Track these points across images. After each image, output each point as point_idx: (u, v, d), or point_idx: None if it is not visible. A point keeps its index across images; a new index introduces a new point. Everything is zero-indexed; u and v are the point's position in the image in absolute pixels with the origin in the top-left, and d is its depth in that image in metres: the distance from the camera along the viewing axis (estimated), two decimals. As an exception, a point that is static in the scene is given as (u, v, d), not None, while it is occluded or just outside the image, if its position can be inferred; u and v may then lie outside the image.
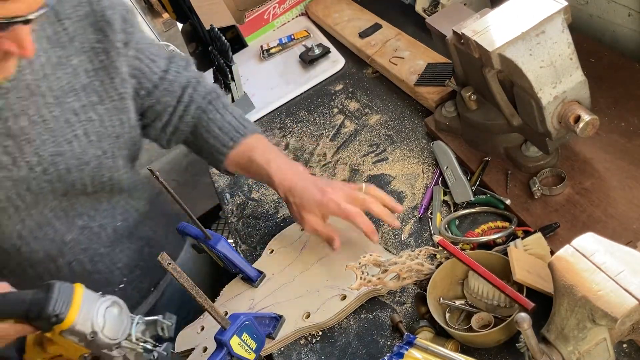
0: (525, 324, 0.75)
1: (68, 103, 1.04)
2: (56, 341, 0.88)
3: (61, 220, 1.10)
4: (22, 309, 0.84)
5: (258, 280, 1.18)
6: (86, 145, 1.06)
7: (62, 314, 0.83)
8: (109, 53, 1.07)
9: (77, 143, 1.05)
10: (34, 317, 0.84)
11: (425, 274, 1.04)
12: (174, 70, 1.20)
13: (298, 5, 1.90)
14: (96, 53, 1.06)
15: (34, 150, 1.01)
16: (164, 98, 1.19)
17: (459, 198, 1.14)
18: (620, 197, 1.02)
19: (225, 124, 1.21)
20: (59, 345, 0.89)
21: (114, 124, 1.10)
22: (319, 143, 1.47)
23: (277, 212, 1.36)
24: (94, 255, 1.16)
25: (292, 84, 1.67)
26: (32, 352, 0.96)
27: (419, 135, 1.35)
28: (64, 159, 1.04)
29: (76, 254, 1.14)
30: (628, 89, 1.17)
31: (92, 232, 1.15)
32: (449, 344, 0.94)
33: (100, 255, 1.17)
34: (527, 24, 0.96)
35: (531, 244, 0.98)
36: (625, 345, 0.87)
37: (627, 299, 0.73)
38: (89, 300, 0.86)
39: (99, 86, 1.07)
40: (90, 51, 1.06)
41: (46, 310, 0.83)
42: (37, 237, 1.07)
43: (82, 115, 1.05)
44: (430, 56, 1.48)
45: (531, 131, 1.07)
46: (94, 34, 1.06)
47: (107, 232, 1.17)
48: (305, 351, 1.06)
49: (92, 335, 0.85)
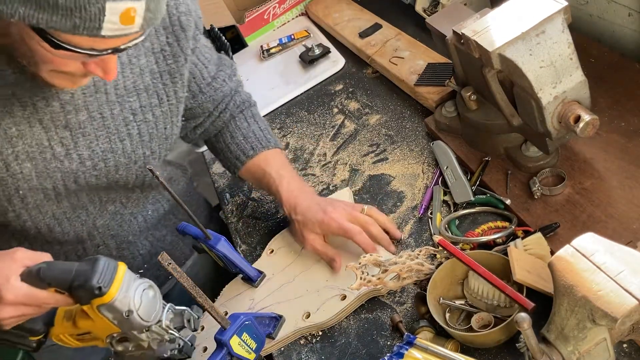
0: (525, 324, 0.75)
1: (129, 102, 1.06)
2: (91, 316, 0.89)
3: (95, 205, 1.13)
4: (67, 277, 0.86)
5: (258, 280, 1.18)
6: (137, 144, 1.10)
7: (105, 288, 0.85)
8: (177, 58, 1.09)
9: (129, 142, 1.08)
10: (77, 287, 0.86)
11: (425, 274, 1.04)
12: (221, 79, 1.24)
13: (298, 5, 1.90)
14: (164, 56, 1.08)
15: (87, 144, 1.04)
16: (206, 104, 1.23)
17: (459, 198, 1.14)
18: (620, 197, 1.02)
19: (250, 133, 1.27)
20: (92, 321, 0.90)
21: (166, 126, 1.13)
22: (319, 143, 1.47)
23: (277, 212, 1.36)
24: (122, 242, 1.21)
25: (292, 84, 1.67)
26: (61, 327, 0.97)
27: (419, 135, 1.35)
28: (114, 156, 1.07)
29: (105, 239, 1.17)
30: (628, 89, 1.17)
31: (124, 219, 1.19)
32: (449, 344, 0.94)
33: (128, 243, 1.21)
34: (527, 24, 0.96)
35: (531, 244, 0.98)
36: (625, 345, 0.87)
37: (627, 299, 0.73)
38: (129, 279, 0.88)
39: (161, 89, 1.10)
40: (159, 53, 1.07)
41: (90, 281, 0.84)
42: (70, 218, 1.10)
43: (139, 116, 1.08)
44: (430, 56, 1.48)
45: (531, 131, 1.07)
46: (166, 37, 1.07)
47: (138, 220, 1.21)
48: (305, 351, 1.06)
49: (127, 314, 0.87)
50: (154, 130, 1.11)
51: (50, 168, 1.02)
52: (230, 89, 1.26)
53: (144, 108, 1.08)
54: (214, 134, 1.31)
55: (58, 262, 0.91)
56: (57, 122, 1.00)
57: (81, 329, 0.95)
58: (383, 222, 1.14)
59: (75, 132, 1.02)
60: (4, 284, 0.87)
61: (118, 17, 0.77)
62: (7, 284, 0.87)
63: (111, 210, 1.16)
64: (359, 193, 1.29)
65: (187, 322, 0.95)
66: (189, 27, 1.09)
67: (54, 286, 0.88)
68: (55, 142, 1.01)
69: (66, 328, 0.97)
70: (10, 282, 0.87)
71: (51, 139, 1.00)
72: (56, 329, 0.98)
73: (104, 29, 0.77)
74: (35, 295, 0.88)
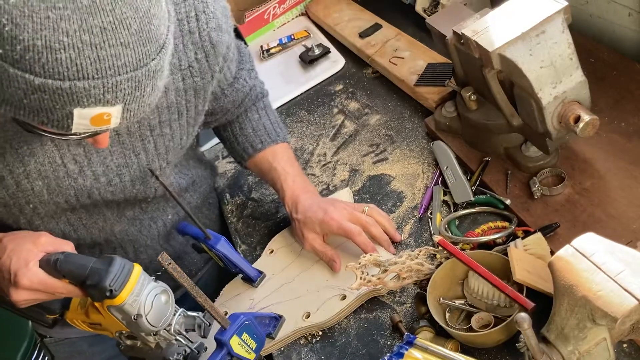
0: (525, 324, 0.75)
1: (148, 120, 1.02)
2: (101, 312, 0.90)
3: (112, 211, 1.10)
4: (81, 274, 0.87)
5: (258, 280, 1.18)
6: (153, 157, 1.06)
7: (117, 291, 0.85)
8: (204, 75, 1.03)
9: (145, 155, 1.04)
10: (90, 286, 0.87)
11: (425, 274, 1.04)
12: (242, 79, 1.20)
13: (298, 5, 1.90)
14: (192, 73, 1.02)
15: (101, 160, 1.01)
16: (227, 105, 1.20)
17: (459, 198, 1.14)
18: (620, 197, 1.02)
19: (260, 126, 1.25)
20: (102, 316, 0.91)
21: (182, 137, 1.09)
22: (319, 143, 1.47)
23: (277, 212, 1.36)
24: (140, 246, 1.19)
25: (292, 84, 1.67)
26: (75, 313, 1.00)
27: (419, 135, 1.35)
28: (129, 170, 1.04)
29: (123, 243, 1.16)
30: (628, 89, 1.17)
31: (143, 224, 1.17)
32: (449, 344, 0.94)
33: (146, 247, 1.19)
34: (527, 24, 0.96)
35: (531, 244, 0.98)
36: (625, 345, 0.87)
37: (627, 299, 0.73)
38: (143, 283, 0.88)
39: (183, 105, 1.04)
40: (187, 69, 1.01)
41: (103, 282, 0.85)
42: (86, 224, 1.08)
43: (157, 130, 1.04)
44: (430, 56, 1.48)
45: (531, 131, 1.06)
46: (195, 53, 1.00)
47: (158, 225, 1.19)
48: (305, 351, 1.06)
49: (136, 318, 0.87)
50: (170, 143, 1.07)
51: (63, 185, 0.99)
52: (249, 88, 1.22)
53: (162, 123, 1.03)
54: (223, 124, 1.29)
55: (77, 255, 0.92)
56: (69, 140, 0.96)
57: (92, 320, 0.96)
58: (383, 224, 1.14)
59: (89, 149, 0.98)
60: (22, 268, 0.88)
61: (89, 120, 0.72)
62: (25, 268, 0.88)
63: (130, 215, 1.13)
64: (359, 193, 1.29)
65: (198, 327, 0.95)
66: (219, 44, 1.02)
67: (68, 279, 0.89)
68: (68, 160, 0.97)
69: (79, 315, 0.99)
70: (28, 266, 0.88)
71: (64, 157, 0.97)
72: (70, 314, 1.01)
73: (74, 129, 0.73)
74: (49, 283, 0.89)
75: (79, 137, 0.78)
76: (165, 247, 1.22)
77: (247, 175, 1.48)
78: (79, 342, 1.31)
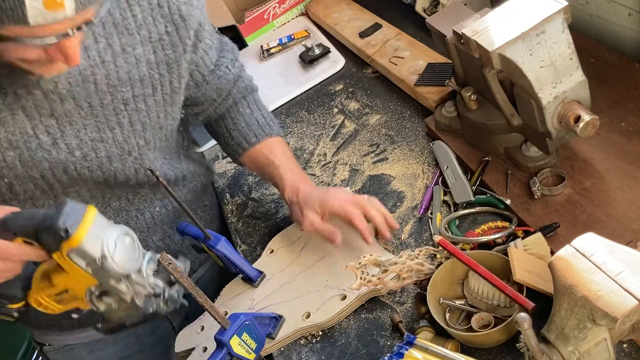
0: (525, 324, 0.75)
1: (121, 92, 1.03)
2: (65, 268, 0.84)
3: (97, 200, 1.09)
4: (33, 224, 0.82)
5: (258, 280, 1.18)
6: (129, 133, 1.06)
7: (72, 229, 0.79)
8: (176, 48, 1.06)
9: (120, 130, 1.05)
10: (43, 231, 0.81)
11: (425, 274, 1.04)
12: (223, 66, 1.21)
13: (298, 5, 1.90)
14: (163, 45, 1.04)
15: (75, 132, 1.01)
16: (210, 92, 1.20)
17: (459, 198, 1.14)
18: (620, 197, 1.02)
19: (253, 120, 1.25)
20: (67, 274, 0.85)
21: (159, 115, 1.10)
22: (319, 143, 1.47)
23: (277, 212, 1.36)
24: None
25: (292, 84, 1.67)
26: (38, 288, 0.92)
27: (419, 135, 1.35)
28: (105, 145, 1.04)
29: None
30: (628, 89, 1.17)
31: (129, 215, 1.16)
32: (449, 344, 0.94)
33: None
34: (527, 24, 0.96)
35: (531, 244, 0.98)
36: (625, 345, 0.87)
37: (627, 299, 0.73)
38: (101, 223, 0.82)
39: (156, 79, 1.06)
40: (157, 42, 1.04)
41: (56, 223, 0.79)
42: None
43: (131, 105, 1.04)
44: (430, 56, 1.48)
45: (531, 131, 1.07)
46: (165, 26, 1.04)
47: (145, 216, 1.18)
48: (305, 351, 1.06)
49: (101, 260, 0.81)
50: (147, 120, 1.07)
51: (36, 157, 0.98)
52: (233, 75, 1.23)
53: (136, 98, 1.04)
54: (215, 119, 1.29)
55: (25, 210, 0.87)
56: (41, 110, 0.96)
57: (58, 287, 0.89)
58: (382, 211, 1.12)
59: (62, 121, 0.98)
60: None
61: (41, 3, 0.73)
62: None
63: (115, 206, 1.13)
64: (359, 193, 1.29)
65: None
66: (189, 17, 1.05)
67: (20, 236, 0.83)
68: (41, 131, 0.97)
69: (43, 289, 0.91)
70: None
71: (36, 128, 0.97)
72: (34, 292, 0.93)
73: (29, 16, 0.73)
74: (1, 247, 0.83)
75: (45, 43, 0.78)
76: (155, 239, 1.21)
77: (247, 175, 1.48)
78: (78, 349, 1.29)
